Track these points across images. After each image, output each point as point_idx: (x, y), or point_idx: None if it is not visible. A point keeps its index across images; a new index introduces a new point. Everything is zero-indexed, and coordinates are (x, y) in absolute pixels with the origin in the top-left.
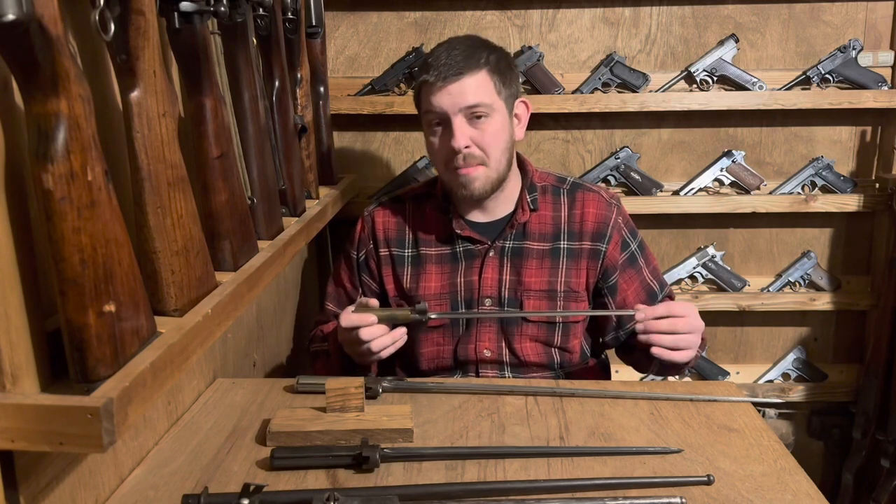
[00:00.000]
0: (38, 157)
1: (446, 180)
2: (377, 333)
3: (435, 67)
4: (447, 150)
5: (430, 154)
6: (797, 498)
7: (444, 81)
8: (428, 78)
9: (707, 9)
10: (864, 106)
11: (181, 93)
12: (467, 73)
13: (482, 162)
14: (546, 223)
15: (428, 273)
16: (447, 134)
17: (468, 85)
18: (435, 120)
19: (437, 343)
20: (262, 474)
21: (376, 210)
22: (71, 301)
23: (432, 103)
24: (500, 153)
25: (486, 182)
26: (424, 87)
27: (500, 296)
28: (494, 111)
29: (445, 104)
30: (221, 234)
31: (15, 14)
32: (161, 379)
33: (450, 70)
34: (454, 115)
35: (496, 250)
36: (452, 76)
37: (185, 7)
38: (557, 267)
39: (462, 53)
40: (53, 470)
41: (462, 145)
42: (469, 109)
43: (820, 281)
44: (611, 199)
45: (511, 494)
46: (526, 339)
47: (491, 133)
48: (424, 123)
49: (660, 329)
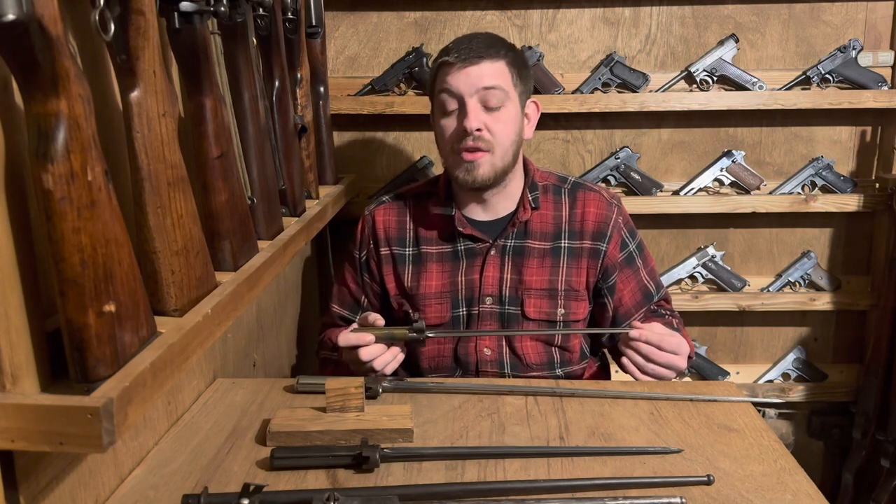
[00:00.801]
0: (38, 157)
1: (450, 165)
2: (377, 353)
3: (456, 50)
4: (459, 130)
5: (438, 137)
6: (797, 498)
7: (464, 63)
8: (448, 59)
9: (707, 9)
10: (864, 106)
11: (181, 93)
12: (487, 59)
13: (489, 148)
14: (547, 222)
15: (429, 271)
16: (460, 115)
17: (486, 69)
18: (449, 100)
19: (437, 342)
20: (262, 474)
21: (377, 209)
22: (71, 301)
23: (449, 82)
24: (508, 143)
25: (490, 170)
26: (442, 67)
27: (501, 294)
28: (508, 100)
29: (462, 85)
30: (221, 234)
31: (15, 14)
32: (161, 379)
33: (471, 53)
34: (469, 96)
35: (497, 249)
36: (473, 58)
37: (185, 7)
38: (558, 266)
39: (484, 42)
40: (53, 470)
41: (474, 126)
42: (486, 91)
43: (820, 281)
44: (611, 198)
45: (511, 494)
46: (526, 338)
47: (503, 121)
48: (436, 105)
49: (639, 350)
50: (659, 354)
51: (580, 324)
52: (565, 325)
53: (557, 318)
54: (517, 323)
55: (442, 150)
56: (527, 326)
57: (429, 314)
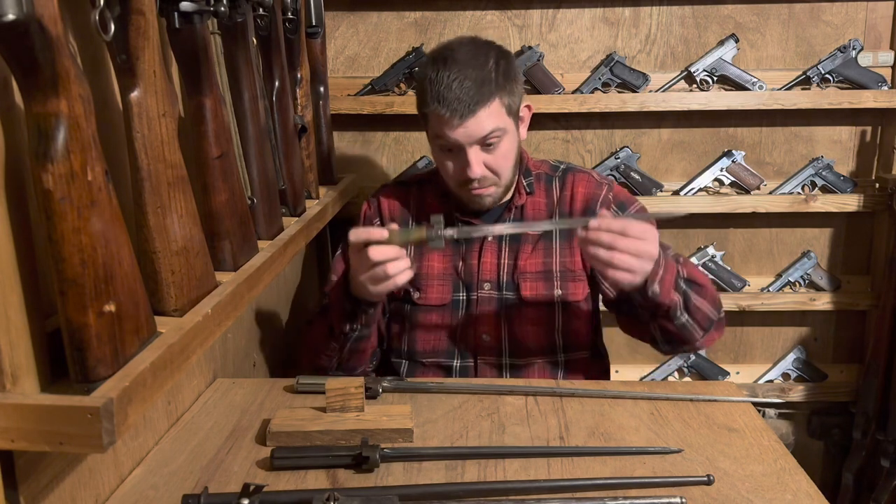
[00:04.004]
0: (38, 157)
1: (457, 193)
2: (391, 254)
3: (447, 101)
4: (461, 174)
5: (442, 171)
6: (797, 498)
7: (461, 119)
8: (441, 112)
9: (707, 9)
10: (864, 106)
11: (181, 93)
12: (481, 107)
13: (494, 183)
14: (540, 208)
15: (430, 252)
16: (461, 160)
17: (483, 116)
18: (447, 146)
19: (434, 326)
20: (262, 474)
21: (381, 193)
22: (71, 301)
23: (446, 134)
24: (510, 171)
25: (497, 196)
26: (434, 117)
27: (499, 280)
28: (506, 133)
29: (461, 137)
30: (221, 234)
31: (15, 14)
32: (161, 379)
33: (464, 106)
34: (469, 146)
35: (494, 236)
36: (468, 113)
37: (185, 7)
38: (551, 248)
39: (474, 82)
40: (53, 470)
41: (478, 174)
42: (484, 138)
43: (820, 281)
44: (602, 179)
45: (511, 494)
46: (527, 322)
47: (503, 154)
48: (434, 145)
49: (599, 241)
50: (623, 241)
51: (581, 303)
52: (565, 305)
53: (555, 300)
54: (515, 307)
55: (447, 181)
56: (525, 310)
57: (430, 294)
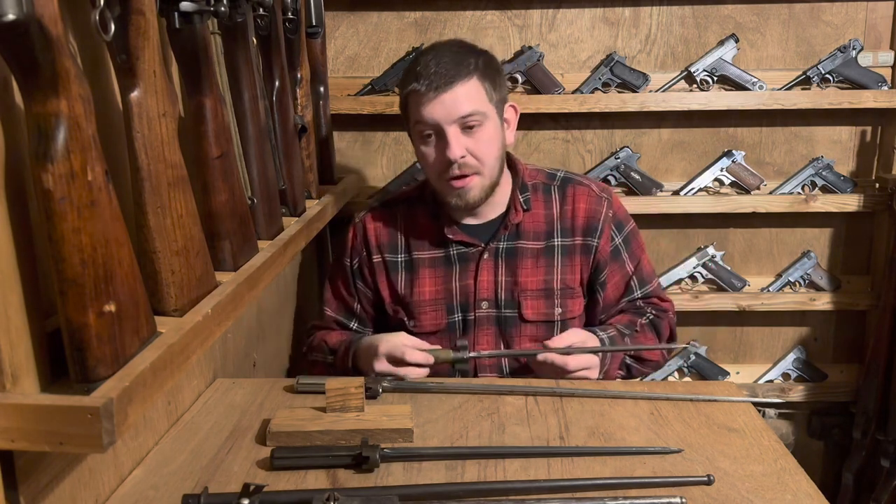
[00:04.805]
0: (38, 157)
1: (440, 190)
2: (421, 360)
3: (424, 77)
4: (442, 160)
5: (423, 164)
6: (797, 498)
7: (437, 91)
8: (418, 87)
9: (707, 9)
10: (864, 106)
11: (181, 93)
12: (458, 81)
13: (477, 171)
14: (539, 221)
15: (422, 278)
16: (441, 144)
17: (460, 93)
18: (427, 131)
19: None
20: (262, 474)
21: (367, 216)
22: (71, 301)
23: (423, 114)
24: (493, 160)
25: (481, 191)
26: (413, 96)
27: (497, 298)
28: (487, 119)
29: (438, 115)
30: (221, 234)
31: (15, 14)
32: (161, 379)
33: (441, 79)
34: (448, 125)
35: (490, 252)
36: (444, 85)
37: (185, 7)
38: (553, 265)
39: (451, 60)
40: (53, 470)
41: (458, 155)
42: (463, 119)
43: (820, 281)
44: (601, 192)
45: (511, 494)
46: (525, 339)
47: (485, 141)
48: (415, 134)
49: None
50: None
51: (576, 321)
52: (563, 324)
53: (555, 318)
54: (515, 325)
55: (428, 176)
56: (525, 328)
57: (423, 321)
